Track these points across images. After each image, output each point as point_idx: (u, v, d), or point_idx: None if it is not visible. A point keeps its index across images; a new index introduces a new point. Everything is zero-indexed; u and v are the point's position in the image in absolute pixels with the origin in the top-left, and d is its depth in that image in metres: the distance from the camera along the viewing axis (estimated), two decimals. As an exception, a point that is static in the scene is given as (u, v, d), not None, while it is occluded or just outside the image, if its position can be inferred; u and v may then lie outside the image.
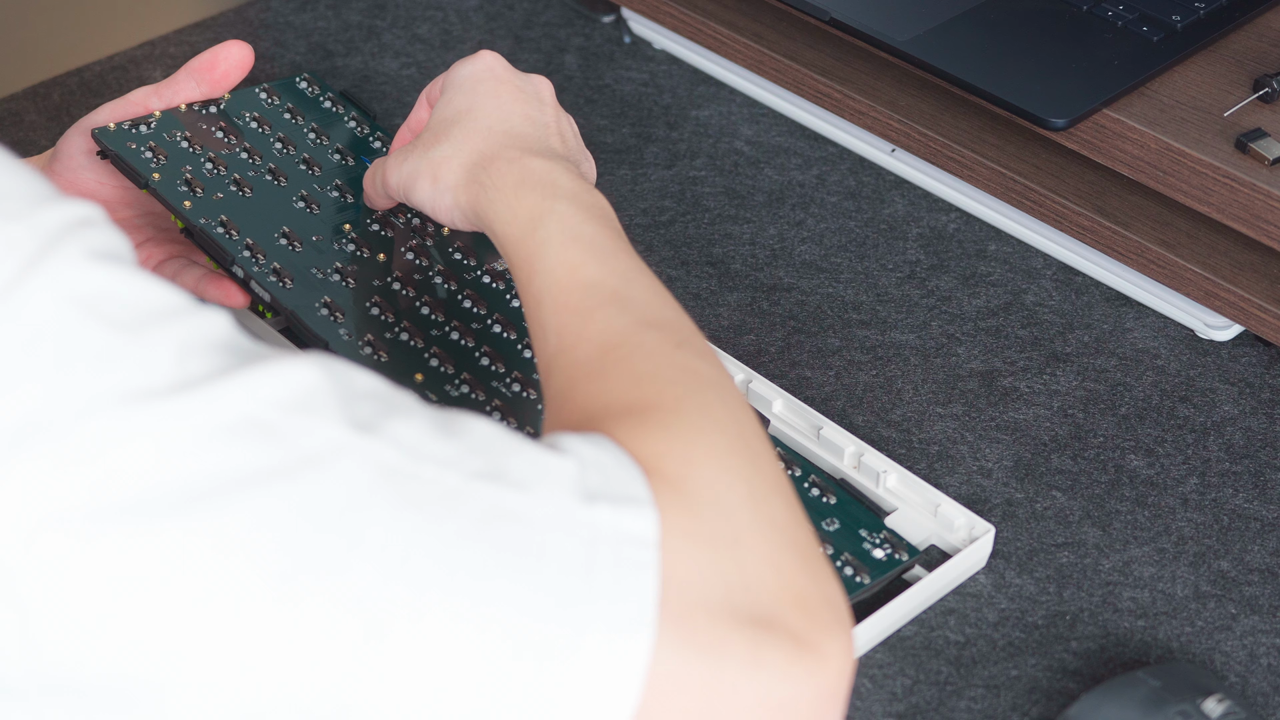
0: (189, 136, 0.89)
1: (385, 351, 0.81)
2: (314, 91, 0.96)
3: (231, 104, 0.92)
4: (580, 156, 0.82)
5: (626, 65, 1.13)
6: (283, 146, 0.91)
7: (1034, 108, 0.94)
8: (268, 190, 0.88)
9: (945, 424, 0.89)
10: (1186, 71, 0.97)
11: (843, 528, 0.79)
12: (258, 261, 0.84)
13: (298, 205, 0.88)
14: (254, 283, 0.83)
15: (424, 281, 0.86)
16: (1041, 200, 0.98)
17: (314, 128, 0.93)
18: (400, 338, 0.82)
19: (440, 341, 0.83)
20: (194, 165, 0.88)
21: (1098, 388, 0.92)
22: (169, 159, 0.87)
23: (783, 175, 1.05)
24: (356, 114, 0.95)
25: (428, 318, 0.84)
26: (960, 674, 0.77)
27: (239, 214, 0.86)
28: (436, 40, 1.15)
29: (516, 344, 0.84)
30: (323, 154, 0.92)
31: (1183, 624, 0.80)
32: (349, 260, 0.86)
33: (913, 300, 0.96)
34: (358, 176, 0.91)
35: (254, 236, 0.85)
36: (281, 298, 0.82)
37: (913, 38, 0.99)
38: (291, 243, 0.85)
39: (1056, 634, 0.79)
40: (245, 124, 0.91)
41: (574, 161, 0.80)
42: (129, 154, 0.87)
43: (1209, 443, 0.89)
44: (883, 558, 0.78)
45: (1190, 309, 0.95)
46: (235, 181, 0.88)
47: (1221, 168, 0.90)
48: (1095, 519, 0.84)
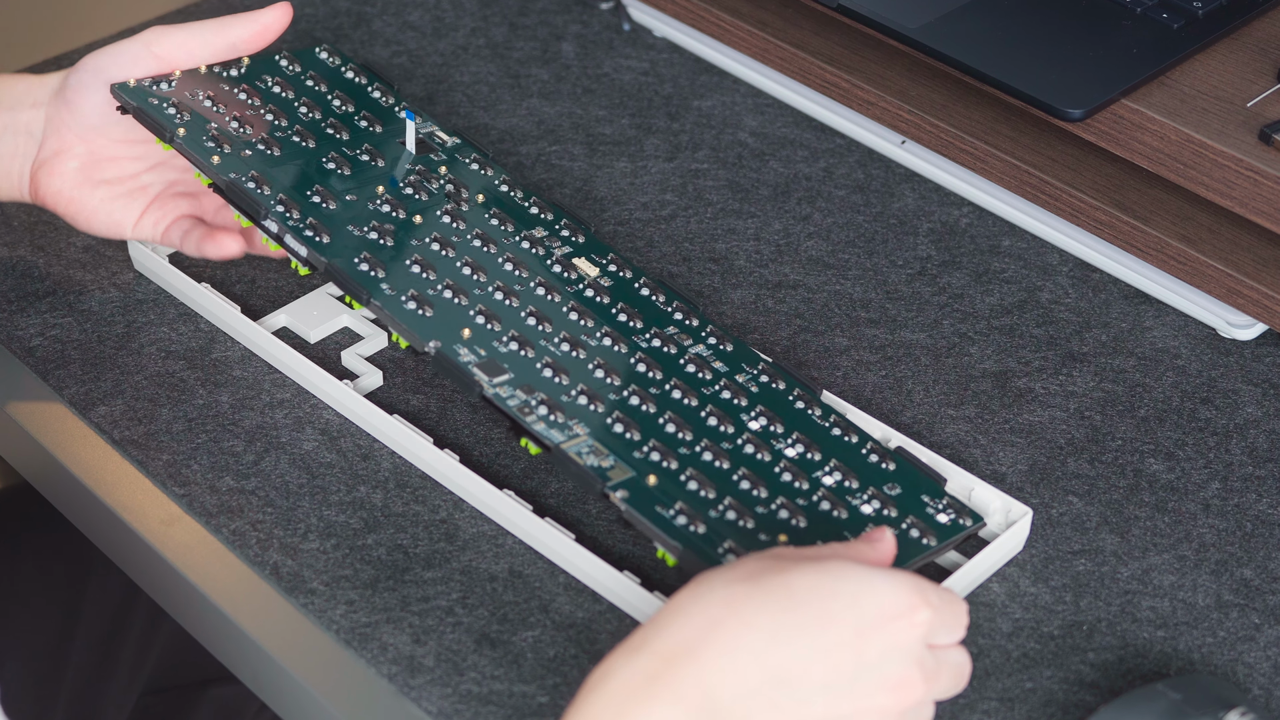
0: (211, 95, 0.90)
1: (430, 307, 0.82)
2: (335, 62, 0.97)
3: (252, 68, 0.93)
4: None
5: (626, 54, 1.13)
6: (308, 110, 0.92)
7: (1050, 98, 0.93)
8: (296, 150, 0.89)
9: (957, 426, 0.89)
10: (1208, 60, 0.97)
11: (904, 493, 0.80)
12: (291, 216, 0.84)
13: (328, 166, 0.89)
14: (289, 237, 0.83)
15: (463, 244, 0.87)
16: (1057, 194, 0.98)
17: (338, 95, 0.94)
18: (444, 295, 0.83)
19: (485, 300, 0.84)
20: (219, 123, 0.89)
21: (1116, 389, 0.91)
22: (193, 116, 0.88)
23: (788, 168, 1.05)
24: (381, 85, 0.96)
25: (470, 278, 0.85)
26: (973, 686, 0.77)
27: (268, 171, 0.87)
28: (428, 28, 1.15)
29: (560, 306, 0.85)
30: (349, 119, 0.93)
31: (1204, 634, 0.80)
32: (385, 219, 0.86)
33: (923, 298, 0.96)
34: (387, 142, 0.92)
35: (286, 193, 0.86)
36: (320, 250, 0.83)
37: (924, 25, 0.99)
38: (325, 200, 0.86)
39: (1073, 645, 0.79)
40: (268, 88, 0.92)
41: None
42: (152, 108, 0.88)
43: (1231, 446, 0.88)
44: (947, 522, 0.79)
45: (1212, 307, 0.95)
46: (263, 140, 0.89)
47: (1245, 160, 0.90)
48: (1113, 525, 0.84)
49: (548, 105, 1.09)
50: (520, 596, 0.79)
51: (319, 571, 0.80)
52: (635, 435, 0.79)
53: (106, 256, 0.96)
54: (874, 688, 0.65)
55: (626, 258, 0.89)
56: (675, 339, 0.85)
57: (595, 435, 0.78)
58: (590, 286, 0.87)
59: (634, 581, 0.78)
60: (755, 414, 0.82)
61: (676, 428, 0.80)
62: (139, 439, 0.86)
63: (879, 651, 0.65)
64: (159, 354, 0.91)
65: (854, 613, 0.65)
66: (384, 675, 0.76)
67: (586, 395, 0.80)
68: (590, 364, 0.82)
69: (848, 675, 0.64)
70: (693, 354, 0.84)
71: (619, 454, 0.78)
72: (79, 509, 0.87)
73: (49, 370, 0.90)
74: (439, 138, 0.94)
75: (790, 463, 0.79)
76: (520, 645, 0.77)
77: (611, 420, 0.79)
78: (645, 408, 0.80)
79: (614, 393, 0.81)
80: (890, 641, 0.65)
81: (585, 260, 0.88)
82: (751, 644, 0.64)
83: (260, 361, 0.90)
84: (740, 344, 0.86)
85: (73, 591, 1.07)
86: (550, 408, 0.79)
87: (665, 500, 0.76)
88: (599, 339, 0.84)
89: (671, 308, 0.87)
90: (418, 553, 0.81)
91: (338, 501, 0.83)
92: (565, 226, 0.90)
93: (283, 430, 0.87)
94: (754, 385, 0.83)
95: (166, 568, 0.82)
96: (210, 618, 0.81)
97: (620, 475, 0.77)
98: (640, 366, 0.82)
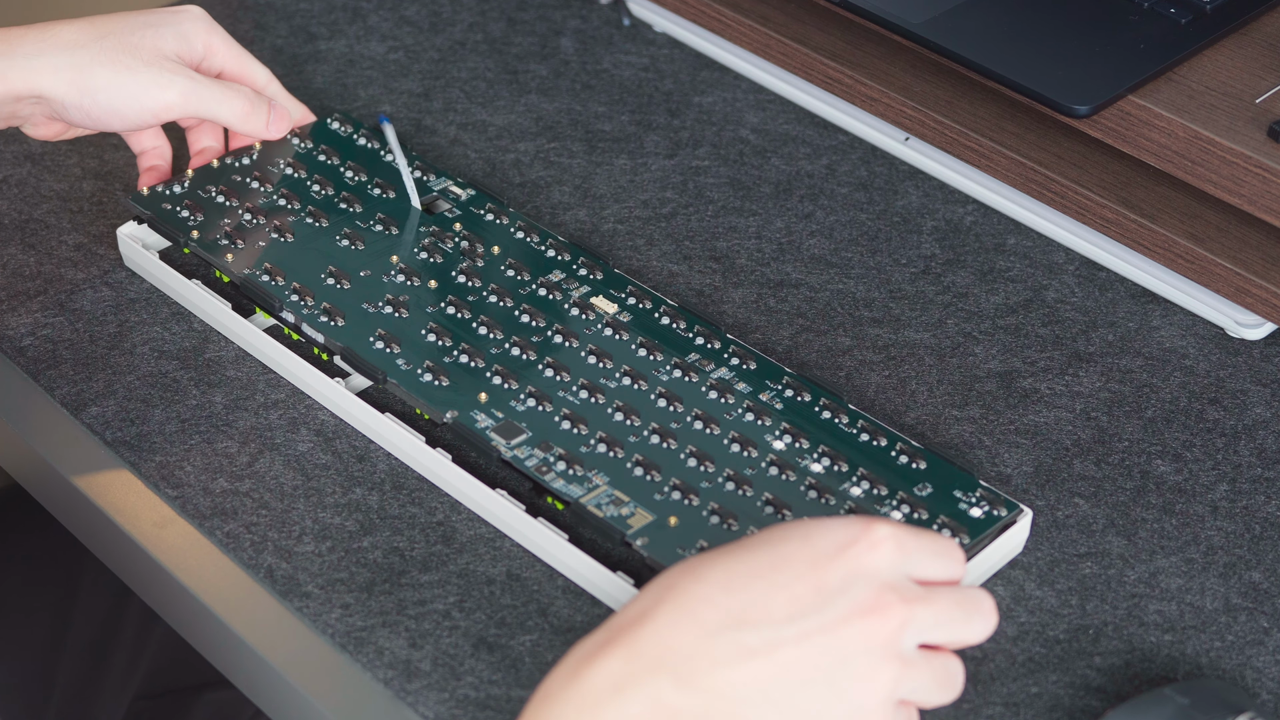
0: (224, 190, 0.94)
1: (445, 376, 0.84)
2: (347, 130, 1.00)
3: (264, 154, 0.97)
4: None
5: (626, 49, 1.13)
6: (320, 188, 0.96)
7: (1056, 94, 0.93)
8: (309, 232, 0.93)
9: (961, 427, 0.89)
10: (1216, 55, 0.97)
11: (936, 491, 0.81)
12: (305, 304, 0.88)
13: (341, 243, 0.92)
14: (305, 326, 0.87)
15: (478, 302, 0.89)
16: (1063, 191, 0.98)
17: (350, 165, 0.97)
18: (460, 360, 0.86)
19: (501, 359, 0.86)
20: (231, 218, 0.93)
21: (1123, 389, 0.91)
22: (206, 215, 0.93)
23: (790, 165, 1.05)
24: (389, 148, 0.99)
25: (486, 337, 0.87)
26: (978, 691, 0.77)
27: (282, 259, 0.90)
28: (425, 22, 1.15)
29: (579, 352, 0.87)
30: (361, 190, 0.96)
31: (1212, 638, 0.79)
32: (399, 290, 0.89)
33: (927, 297, 0.96)
34: (399, 207, 0.95)
35: (300, 280, 0.89)
36: (334, 336, 0.86)
37: (928, 20, 0.99)
38: (339, 281, 0.90)
39: (1079, 649, 0.79)
40: (280, 170, 0.96)
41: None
42: (165, 215, 0.93)
43: (1240, 447, 0.88)
44: (980, 515, 0.80)
45: (1220, 306, 0.95)
46: (276, 228, 0.92)
47: (1253, 157, 0.89)
48: (1120, 528, 0.84)
49: (546, 101, 1.09)
50: (518, 600, 0.79)
51: (314, 574, 0.80)
52: (656, 476, 0.81)
53: (98, 255, 0.96)
54: (845, 612, 0.63)
55: (645, 288, 0.91)
56: (697, 365, 0.87)
57: (615, 483, 0.80)
58: (609, 325, 0.88)
59: (628, 583, 0.78)
60: (780, 433, 0.83)
61: (699, 461, 0.81)
62: (131, 440, 0.86)
63: (840, 577, 0.63)
64: (151, 354, 0.91)
65: (806, 548, 0.64)
66: (380, 680, 0.76)
67: (605, 442, 0.82)
68: (609, 408, 0.84)
69: (812, 605, 0.63)
70: (715, 379, 0.86)
71: (639, 499, 0.80)
72: (70, 511, 0.87)
73: (40, 370, 0.89)
74: (453, 192, 0.97)
75: (816, 479, 0.81)
76: (518, 649, 0.77)
77: (631, 465, 0.81)
78: (666, 444, 0.82)
79: (634, 434, 0.83)
80: (850, 566, 0.63)
81: (603, 298, 0.90)
82: (704, 593, 0.63)
83: (254, 361, 0.90)
84: (764, 359, 0.87)
85: (64, 595, 1.07)
86: (569, 462, 0.81)
87: (686, 540, 0.78)
88: (618, 380, 0.85)
89: (693, 333, 0.88)
90: (414, 555, 0.81)
91: (333, 504, 0.83)
92: (583, 264, 0.92)
93: (277, 431, 0.87)
94: (779, 402, 0.85)
95: (159, 570, 0.82)
96: (204, 621, 0.81)
97: (640, 521, 0.79)
98: (660, 402, 0.84)
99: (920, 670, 0.64)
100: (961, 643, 0.66)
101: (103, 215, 0.99)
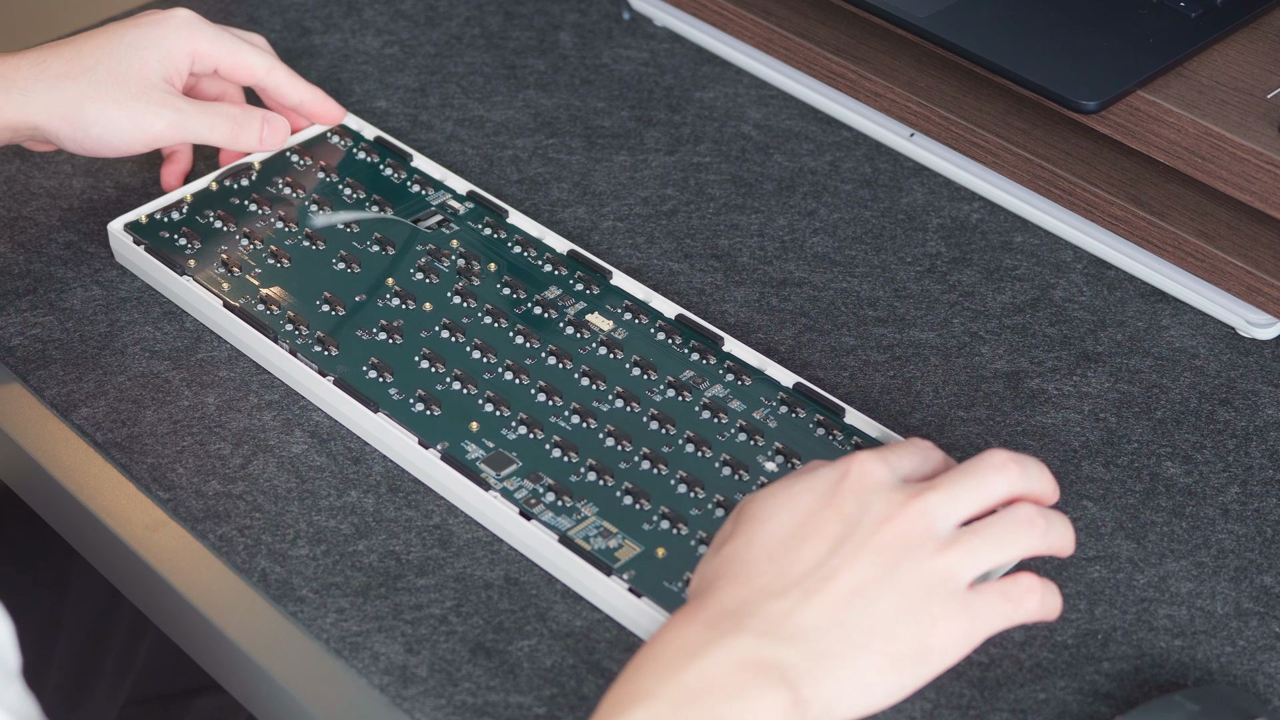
0: (221, 215, 0.95)
1: (437, 405, 0.85)
2: (346, 144, 1.00)
3: (263, 173, 0.98)
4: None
5: (625, 43, 1.13)
6: (318, 207, 0.96)
7: (1063, 89, 0.93)
8: (306, 256, 0.93)
9: (968, 428, 0.89)
10: (1227, 50, 0.96)
11: None
12: (300, 334, 0.88)
13: (338, 267, 0.93)
14: (299, 355, 0.87)
15: (473, 324, 0.90)
16: (1071, 189, 0.98)
17: (349, 182, 0.98)
18: (452, 388, 0.86)
19: (494, 385, 0.86)
20: (229, 245, 0.93)
21: (1132, 390, 0.91)
22: (204, 243, 0.94)
23: (793, 161, 1.05)
24: (392, 159, 1.00)
25: (479, 361, 0.88)
26: (984, 697, 0.77)
27: (277, 286, 0.91)
28: (421, 17, 1.14)
29: (572, 374, 0.87)
30: (360, 208, 0.96)
31: (1223, 643, 0.79)
32: (394, 315, 0.90)
33: (933, 296, 0.96)
34: (396, 226, 0.95)
35: (295, 308, 0.90)
36: (327, 366, 0.87)
37: (933, 14, 0.99)
38: (334, 308, 0.90)
39: (1087, 654, 0.79)
40: (279, 191, 0.97)
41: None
42: (163, 243, 0.93)
43: (1251, 449, 0.88)
44: None
45: (1231, 305, 0.95)
46: (272, 253, 0.93)
47: (1265, 154, 0.89)
48: (1129, 531, 0.84)
49: (545, 97, 1.09)
50: (516, 604, 0.79)
51: (309, 578, 0.80)
52: (645, 505, 0.81)
53: (88, 253, 0.96)
54: (873, 524, 0.69)
55: (642, 301, 0.91)
56: (691, 384, 0.87)
57: (603, 514, 0.81)
58: (604, 343, 0.89)
59: (622, 587, 0.78)
60: (772, 453, 0.84)
61: (689, 487, 0.82)
62: (122, 441, 0.86)
63: (853, 504, 0.70)
64: (143, 354, 0.90)
65: (810, 496, 0.71)
66: (376, 686, 0.76)
67: (596, 470, 0.82)
68: (600, 433, 0.84)
69: (844, 532, 0.70)
70: (709, 398, 0.86)
71: (627, 529, 0.80)
72: (60, 513, 0.87)
73: (29, 371, 0.89)
74: (451, 206, 0.97)
75: None
76: (516, 655, 0.77)
77: (620, 494, 0.81)
78: (657, 470, 0.83)
79: (624, 460, 0.83)
80: (854, 492, 0.71)
81: (599, 315, 0.91)
82: (753, 560, 0.70)
83: (247, 361, 0.90)
84: (759, 375, 0.88)
85: (54, 598, 1.06)
86: (558, 493, 0.81)
87: (672, 573, 0.78)
88: (611, 402, 0.86)
89: (689, 348, 0.89)
90: (410, 559, 0.81)
91: (328, 506, 0.83)
92: (579, 279, 0.92)
93: (271, 432, 0.87)
94: (772, 420, 0.85)
95: (151, 574, 0.82)
96: (196, 626, 0.81)
97: (628, 554, 0.79)
98: (653, 425, 0.85)
99: (968, 542, 0.70)
100: (987, 503, 0.71)
101: (93, 213, 0.98)
